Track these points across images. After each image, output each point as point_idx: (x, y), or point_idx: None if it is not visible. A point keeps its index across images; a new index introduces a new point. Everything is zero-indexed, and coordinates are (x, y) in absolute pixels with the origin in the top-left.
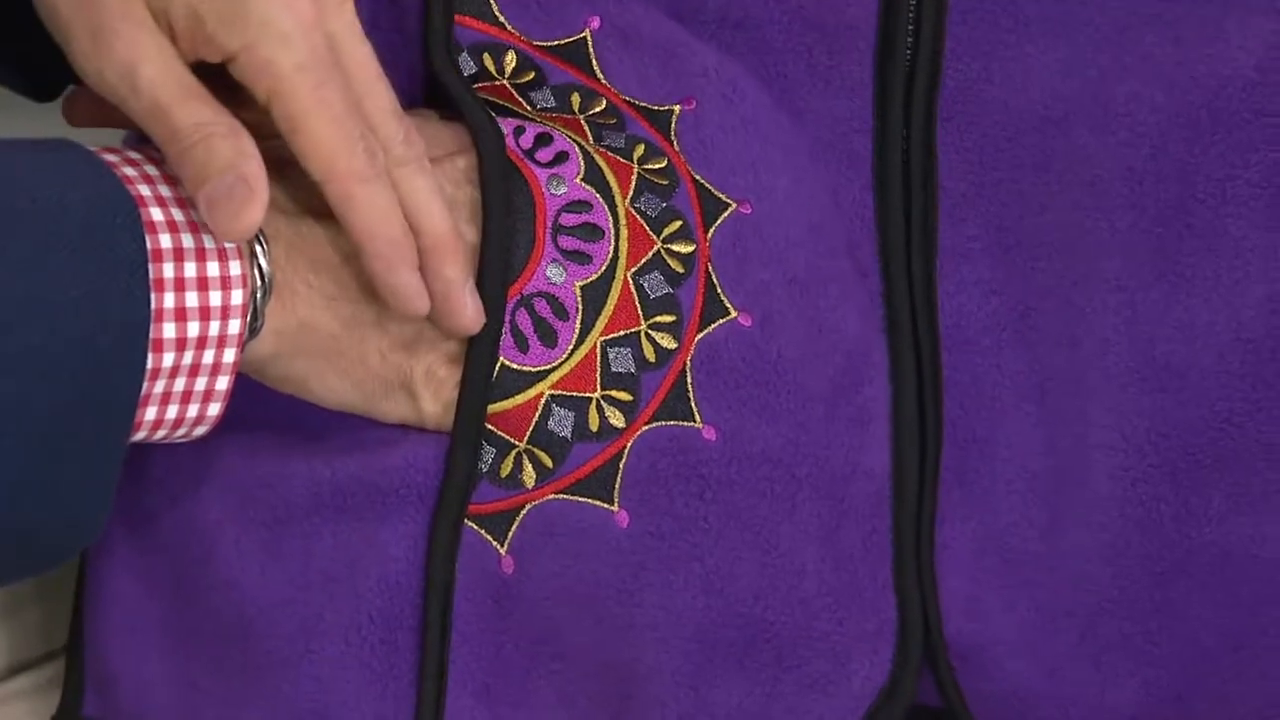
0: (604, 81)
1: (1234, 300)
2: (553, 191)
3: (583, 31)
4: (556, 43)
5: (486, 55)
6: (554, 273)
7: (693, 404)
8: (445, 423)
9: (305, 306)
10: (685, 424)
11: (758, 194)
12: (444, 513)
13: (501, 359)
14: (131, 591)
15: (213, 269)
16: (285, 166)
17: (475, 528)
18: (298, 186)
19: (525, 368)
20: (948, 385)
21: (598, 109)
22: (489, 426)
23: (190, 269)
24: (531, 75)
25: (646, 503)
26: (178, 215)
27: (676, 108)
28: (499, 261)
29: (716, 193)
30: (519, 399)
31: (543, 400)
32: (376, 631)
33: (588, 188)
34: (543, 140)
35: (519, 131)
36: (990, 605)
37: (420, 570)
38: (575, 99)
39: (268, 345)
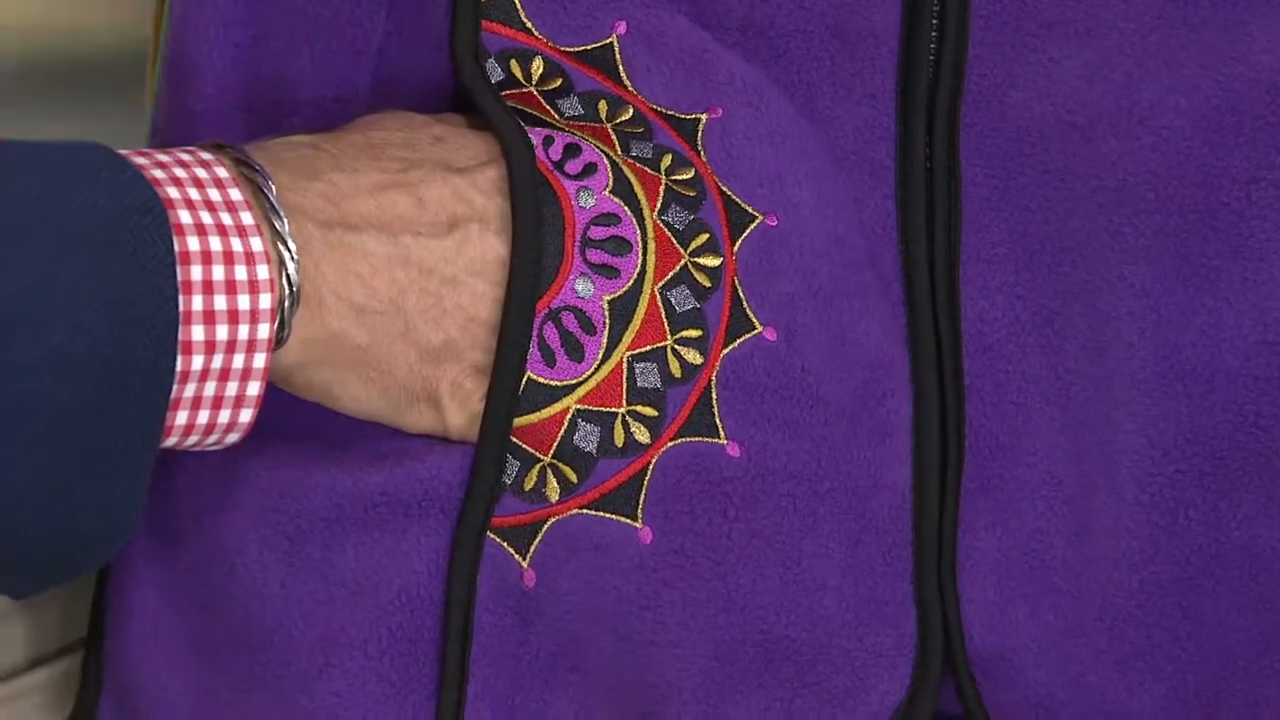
0: (631, 89)
1: (1259, 303)
2: (581, 204)
3: (609, 37)
4: (583, 48)
5: (514, 61)
6: (582, 286)
7: (717, 420)
8: (470, 434)
9: (334, 317)
10: (710, 440)
11: (784, 206)
12: (466, 525)
13: (528, 373)
14: (154, 602)
15: (240, 273)
16: (317, 175)
17: (498, 540)
18: (329, 196)
19: (552, 382)
20: (971, 392)
21: (625, 117)
22: (514, 440)
23: (218, 272)
24: (559, 82)
25: (671, 520)
26: (206, 218)
27: (703, 116)
28: (528, 274)
29: (743, 205)
30: (545, 413)
31: (569, 415)
32: (397, 645)
33: (616, 200)
34: (571, 151)
35: (548, 142)
36: (1014, 614)
37: (442, 583)
38: (603, 106)
39: (294, 354)
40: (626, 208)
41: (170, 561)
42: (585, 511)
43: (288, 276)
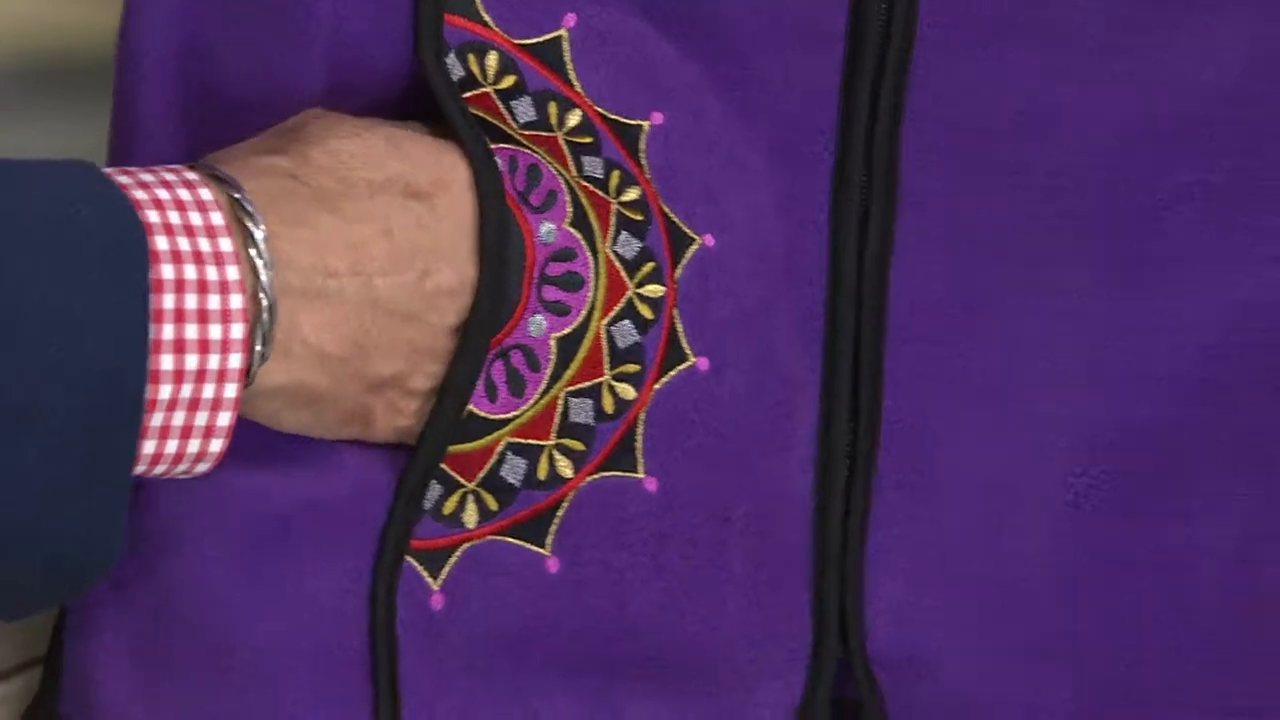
0: (577, 88)
1: (1195, 305)
2: (543, 240)
3: (559, 30)
4: (534, 41)
5: (471, 57)
6: (534, 325)
7: (638, 455)
8: (390, 439)
9: (299, 367)
10: (628, 475)
11: (720, 224)
12: (387, 548)
13: (470, 406)
14: (112, 615)
15: (213, 302)
16: (303, 220)
17: (413, 563)
18: (314, 244)
19: (491, 415)
20: (892, 385)
21: (574, 123)
22: (441, 466)
23: (191, 301)
24: (512, 80)
25: (580, 551)
26: (183, 245)
27: (645, 124)
28: (490, 315)
29: (683, 227)
30: (478, 444)
31: (500, 447)
32: (338, 659)
33: (574, 232)
34: (534, 177)
35: (513, 167)
36: (927, 609)
37: (367, 601)
38: (553, 109)
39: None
40: (583, 241)
41: (122, 569)
42: (497, 537)
43: (264, 334)
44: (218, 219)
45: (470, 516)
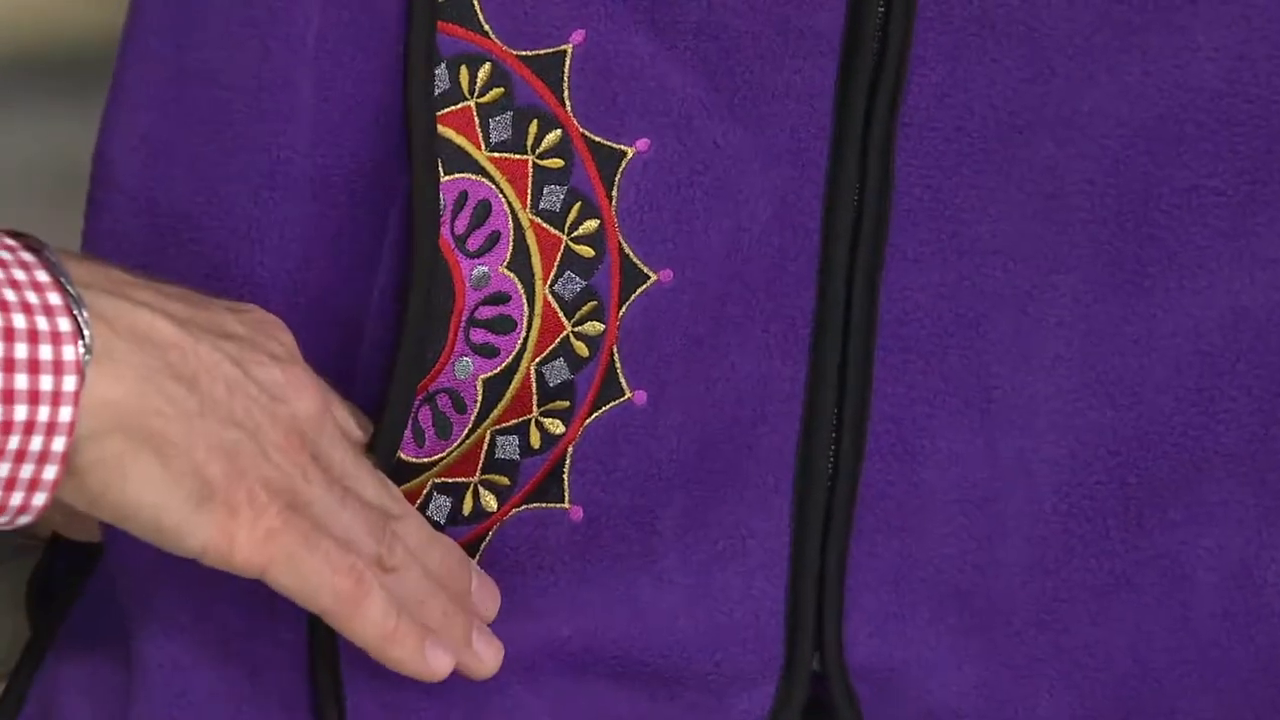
0: (567, 107)
1: (1195, 311)
2: (474, 285)
3: (565, 44)
4: (536, 53)
5: (464, 67)
6: (461, 368)
7: (565, 486)
8: (255, 562)
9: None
10: (554, 505)
11: (683, 261)
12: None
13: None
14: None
15: (46, 353)
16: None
17: None
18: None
19: (418, 460)
20: (883, 395)
21: (551, 144)
22: None
23: (21, 350)
24: (500, 92)
25: (499, 581)
26: (9, 295)
27: (630, 150)
28: (415, 365)
29: (640, 265)
30: (405, 489)
31: (427, 489)
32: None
33: (510, 276)
34: (479, 216)
35: (460, 204)
36: (912, 622)
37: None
38: (533, 129)
39: (87, 420)
40: (519, 283)
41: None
42: None
43: (85, 343)
44: (43, 276)
45: None
